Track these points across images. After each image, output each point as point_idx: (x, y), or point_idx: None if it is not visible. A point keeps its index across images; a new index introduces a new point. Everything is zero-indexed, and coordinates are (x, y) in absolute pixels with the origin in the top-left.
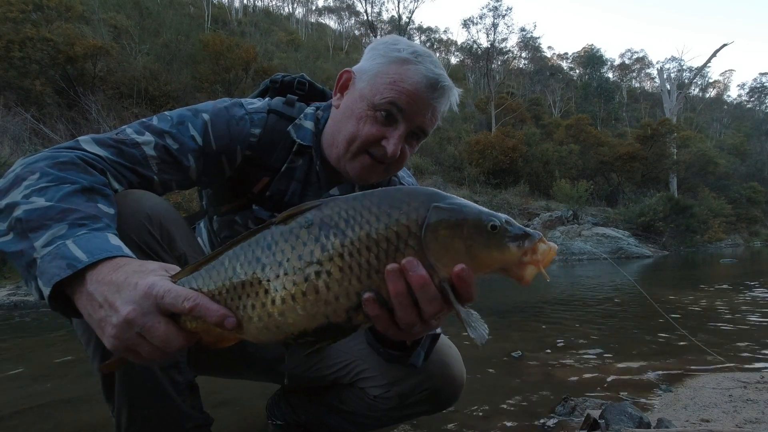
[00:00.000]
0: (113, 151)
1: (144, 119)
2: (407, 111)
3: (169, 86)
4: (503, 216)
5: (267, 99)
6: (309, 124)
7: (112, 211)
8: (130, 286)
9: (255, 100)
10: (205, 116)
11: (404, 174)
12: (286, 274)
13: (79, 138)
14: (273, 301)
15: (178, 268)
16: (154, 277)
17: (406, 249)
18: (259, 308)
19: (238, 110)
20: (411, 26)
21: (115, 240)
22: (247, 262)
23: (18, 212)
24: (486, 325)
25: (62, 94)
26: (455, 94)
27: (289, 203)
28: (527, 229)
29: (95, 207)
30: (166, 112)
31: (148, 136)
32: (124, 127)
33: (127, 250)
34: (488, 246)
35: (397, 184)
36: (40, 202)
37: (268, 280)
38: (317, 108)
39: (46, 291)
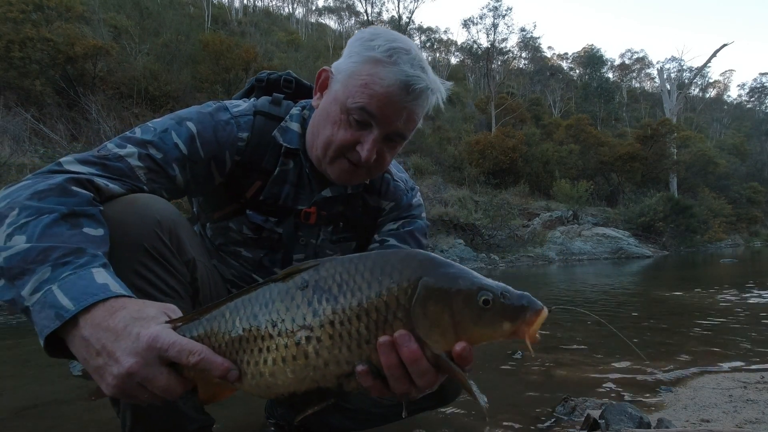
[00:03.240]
0: (98, 168)
1: (126, 132)
2: (380, 116)
3: (169, 86)
4: (499, 287)
5: (252, 99)
6: (295, 126)
7: (100, 231)
8: (132, 336)
9: (240, 102)
10: (190, 124)
11: (396, 170)
12: (279, 335)
13: (61, 159)
14: (265, 361)
15: (176, 308)
16: (156, 326)
17: (395, 321)
18: (252, 365)
19: (224, 114)
20: (411, 26)
21: (101, 276)
22: (245, 317)
23: (0, 260)
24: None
25: (62, 94)
26: (441, 91)
27: (282, 206)
28: (524, 298)
29: (79, 234)
30: (149, 123)
31: (130, 148)
32: (105, 143)
33: (115, 287)
34: (478, 323)
35: (389, 182)
36: (20, 242)
37: (263, 339)
38: (303, 107)
39: (42, 343)
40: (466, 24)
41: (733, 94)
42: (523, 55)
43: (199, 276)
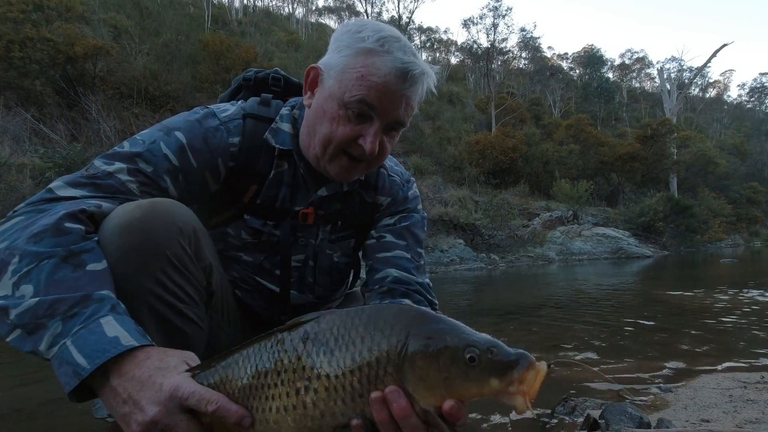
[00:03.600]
0: (89, 189)
1: (115, 147)
2: (379, 107)
3: (169, 86)
4: (486, 342)
5: (240, 102)
6: (286, 126)
7: (103, 264)
8: (155, 386)
9: (228, 106)
10: (178, 134)
11: (392, 164)
12: (282, 384)
13: (51, 185)
14: (270, 409)
15: (194, 356)
16: (177, 376)
17: (386, 376)
18: (260, 412)
19: (212, 121)
20: (411, 26)
21: (111, 327)
22: (255, 365)
23: (12, 316)
24: None
25: (62, 94)
26: (432, 76)
27: (280, 209)
28: (515, 352)
29: (83, 275)
30: (137, 135)
31: (118, 164)
32: (93, 161)
33: (126, 339)
34: (466, 379)
35: (385, 177)
36: (28, 292)
37: (268, 387)
38: (293, 107)
39: (67, 397)
40: (466, 24)
41: (733, 94)
42: (523, 55)
43: (214, 281)
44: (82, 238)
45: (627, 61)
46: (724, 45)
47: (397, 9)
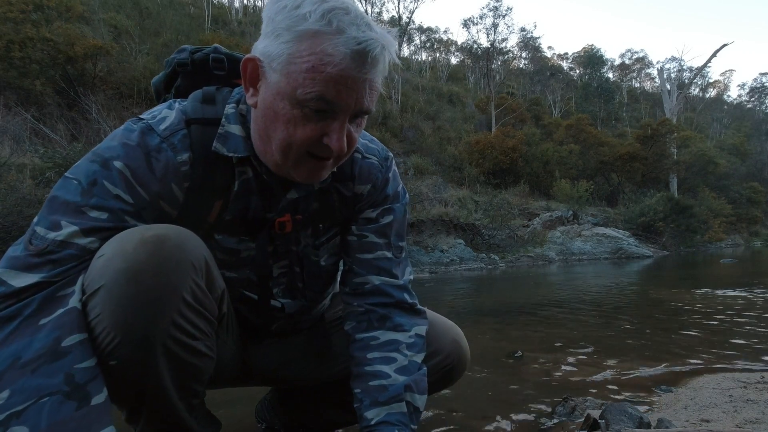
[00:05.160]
0: (47, 269)
1: (48, 200)
2: (339, 100)
3: None
4: None
5: (178, 103)
6: (235, 129)
7: (104, 395)
8: None
9: (165, 111)
10: (118, 164)
11: (366, 141)
12: None
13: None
14: None
15: None
16: None
17: None
18: None
19: (151, 139)
20: (411, 26)
21: None
22: None
23: None
24: None
25: (62, 94)
26: (392, 45)
27: (252, 220)
28: None
29: (87, 412)
30: (69, 176)
31: (67, 226)
32: (32, 227)
33: None
34: None
35: (360, 162)
36: None
37: None
38: (237, 102)
39: None
40: (466, 24)
41: (733, 94)
42: (523, 55)
43: (225, 304)
44: (82, 357)
45: (627, 61)
46: (724, 45)
47: (397, 9)
